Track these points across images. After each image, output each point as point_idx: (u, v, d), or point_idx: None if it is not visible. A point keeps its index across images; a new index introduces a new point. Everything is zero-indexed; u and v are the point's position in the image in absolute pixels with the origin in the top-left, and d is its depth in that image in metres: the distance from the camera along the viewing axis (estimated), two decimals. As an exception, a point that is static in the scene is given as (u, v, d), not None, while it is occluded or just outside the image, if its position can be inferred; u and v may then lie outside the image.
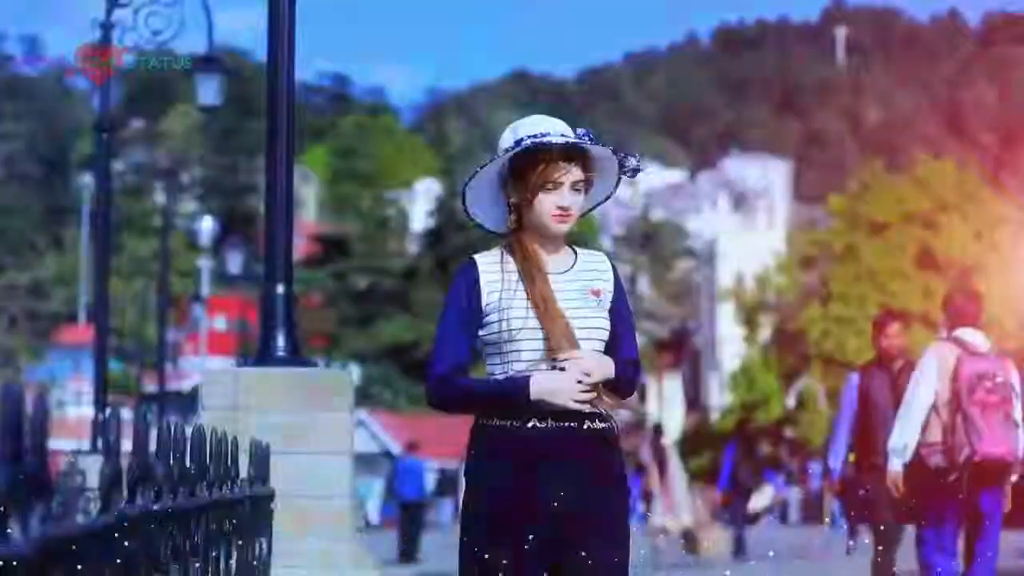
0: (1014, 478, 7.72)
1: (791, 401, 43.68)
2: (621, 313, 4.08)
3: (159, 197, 62.13)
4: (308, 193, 74.97)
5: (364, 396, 50.41)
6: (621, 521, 3.98)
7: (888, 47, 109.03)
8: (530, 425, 3.89)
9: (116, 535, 2.64)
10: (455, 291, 4.01)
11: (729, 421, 45.90)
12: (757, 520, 30.98)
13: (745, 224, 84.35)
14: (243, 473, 4.76)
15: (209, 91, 14.48)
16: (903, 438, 7.84)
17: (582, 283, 4.03)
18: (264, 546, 5.27)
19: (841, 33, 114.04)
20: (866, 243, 46.28)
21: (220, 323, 58.19)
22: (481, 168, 4.02)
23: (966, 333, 7.84)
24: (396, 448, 42.41)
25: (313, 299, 59.73)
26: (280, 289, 6.88)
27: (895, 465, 7.89)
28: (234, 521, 4.30)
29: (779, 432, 48.78)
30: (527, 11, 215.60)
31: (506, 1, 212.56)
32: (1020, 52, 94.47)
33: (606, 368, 3.96)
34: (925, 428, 7.78)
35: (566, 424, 3.90)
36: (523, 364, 3.92)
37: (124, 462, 2.82)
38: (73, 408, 45.41)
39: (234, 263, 32.54)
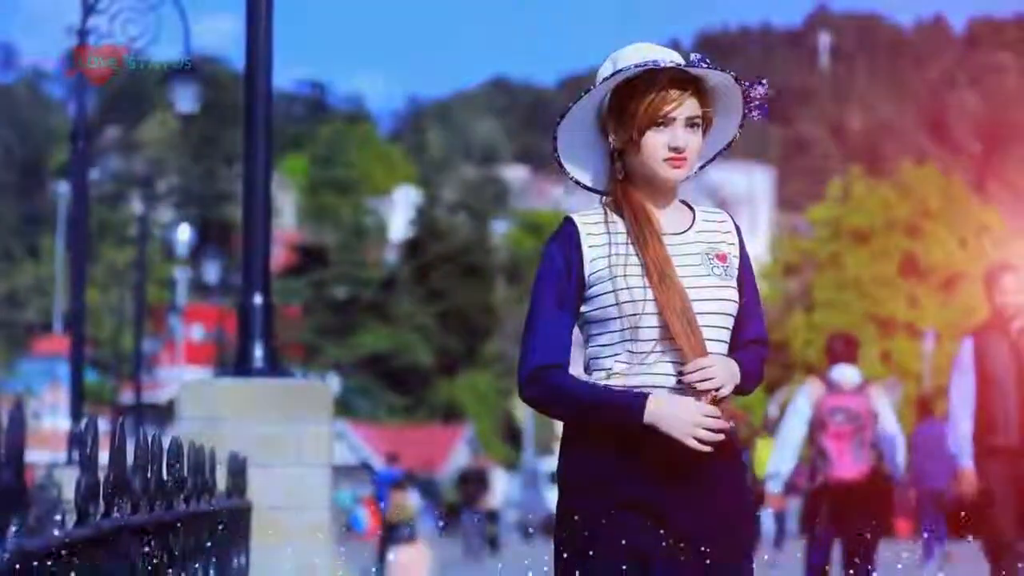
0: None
1: (773, 410, 43.67)
2: (748, 283, 3.38)
3: (136, 205, 61.95)
4: (286, 201, 74.77)
5: (343, 407, 50.31)
6: (746, 551, 3.33)
7: (872, 53, 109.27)
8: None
9: (93, 548, 2.61)
10: (551, 261, 3.28)
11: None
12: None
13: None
14: (221, 485, 4.73)
15: (186, 98, 14.42)
16: (777, 465, 8.92)
17: (705, 246, 3.33)
18: (242, 558, 5.23)
19: (824, 39, 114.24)
20: (850, 251, 46.30)
21: (197, 333, 58.08)
22: (574, 105, 3.31)
23: (836, 371, 8.77)
24: (375, 459, 42.35)
25: (291, 309, 59.64)
26: (258, 299, 6.84)
27: (770, 489, 9.00)
28: (212, 533, 4.26)
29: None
30: (507, 18, 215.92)
31: (485, 8, 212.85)
32: (1005, 58, 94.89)
33: (735, 378, 3.26)
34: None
35: None
36: (647, 345, 3.22)
37: (101, 474, 2.79)
38: (49, 419, 45.17)
39: (211, 272, 32.46)
